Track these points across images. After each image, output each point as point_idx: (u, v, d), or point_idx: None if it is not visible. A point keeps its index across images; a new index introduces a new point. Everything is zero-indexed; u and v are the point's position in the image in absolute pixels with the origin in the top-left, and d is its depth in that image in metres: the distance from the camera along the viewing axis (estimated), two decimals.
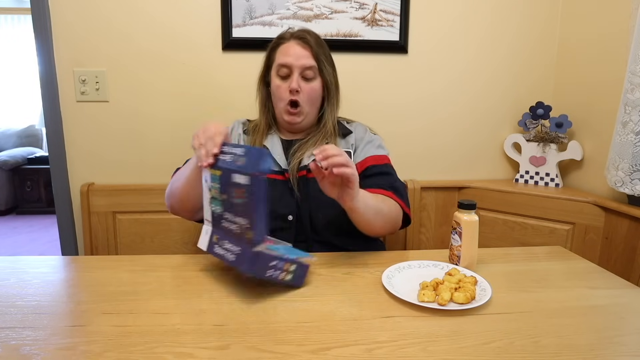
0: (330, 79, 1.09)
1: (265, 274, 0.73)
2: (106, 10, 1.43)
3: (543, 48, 1.59)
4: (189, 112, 1.51)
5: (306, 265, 0.79)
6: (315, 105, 1.10)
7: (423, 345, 0.61)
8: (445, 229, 1.61)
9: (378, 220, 0.94)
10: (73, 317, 0.68)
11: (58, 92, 1.45)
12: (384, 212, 0.96)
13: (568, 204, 1.37)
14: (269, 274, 0.73)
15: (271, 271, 0.73)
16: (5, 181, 3.91)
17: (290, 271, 0.76)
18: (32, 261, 0.94)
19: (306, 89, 1.06)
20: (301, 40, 1.06)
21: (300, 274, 0.78)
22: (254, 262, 0.72)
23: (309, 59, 1.05)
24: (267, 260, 0.73)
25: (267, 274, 0.73)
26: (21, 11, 4.50)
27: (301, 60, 1.04)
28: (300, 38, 1.06)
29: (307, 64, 1.05)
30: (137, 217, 1.48)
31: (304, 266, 0.79)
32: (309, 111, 1.08)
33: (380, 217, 0.94)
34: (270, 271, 0.73)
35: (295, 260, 0.77)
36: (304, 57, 1.05)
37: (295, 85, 1.04)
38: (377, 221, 0.94)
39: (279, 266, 0.74)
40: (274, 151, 1.08)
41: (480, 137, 1.64)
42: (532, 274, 0.87)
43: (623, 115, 1.16)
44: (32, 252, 3.06)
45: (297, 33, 1.07)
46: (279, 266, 0.74)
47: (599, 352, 0.59)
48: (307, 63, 1.05)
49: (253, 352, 0.59)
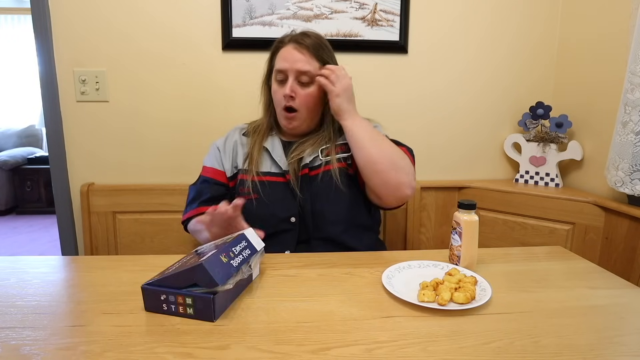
0: None
1: (162, 309, 0.68)
2: (106, 10, 1.43)
3: (543, 48, 1.59)
4: (189, 112, 1.51)
5: (207, 298, 0.65)
6: (314, 110, 1.08)
7: (423, 345, 0.61)
8: (445, 229, 1.61)
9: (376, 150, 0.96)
10: (73, 317, 0.68)
11: (58, 92, 1.46)
12: (384, 146, 0.97)
13: (568, 204, 1.37)
14: (165, 309, 0.67)
15: (165, 305, 0.67)
16: (5, 181, 3.91)
17: (188, 304, 0.66)
18: (32, 261, 0.94)
19: (302, 94, 1.04)
20: (298, 44, 1.04)
21: (202, 307, 0.65)
22: (145, 295, 0.68)
23: (305, 63, 1.03)
24: (155, 294, 0.68)
25: (164, 308, 0.67)
26: (21, 11, 4.50)
27: (296, 65, 1.03)
28: (297, 42, 1.04)
29: (301, 69, 1.03)
30: (137, 217, 1.48)
31: (205, 299, 0.65)
32: (307, 116, 1.07)
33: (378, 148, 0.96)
34: (164, 305, 0.67)
35: (191, 293, 0.66)
36: (299, 62, 1.03)
37: (289, 91, 1.02)
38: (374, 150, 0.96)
39: (171, 300, 0.67)
40: (274, 152, 1.08)
41: (480, 137, 1.64)
42: (532, 274, 0.87)
43: (623, 115, 1.16)
44: (32, 252, 3.06)
45: (295, 37, 1.06)
46: (171, 300, 0.67)
47: (599, 352, 0.59)
48: (301, 68, 1.03)
49: (253, 352, 0.59)
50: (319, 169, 1.05)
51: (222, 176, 1.11)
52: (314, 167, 1.05)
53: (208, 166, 1.13)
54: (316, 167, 1.05)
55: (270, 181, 1.05)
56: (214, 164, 1.12)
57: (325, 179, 1.04)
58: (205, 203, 1.06)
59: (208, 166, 1.13)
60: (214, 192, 1.09)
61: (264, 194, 1.03)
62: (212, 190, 1.09)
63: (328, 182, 1.03)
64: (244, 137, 1.15)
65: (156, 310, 0.68)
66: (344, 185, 1.03)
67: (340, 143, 1.08)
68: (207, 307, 0.65)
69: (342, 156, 1.07)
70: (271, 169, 1.07)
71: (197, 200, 1.08)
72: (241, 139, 1.15)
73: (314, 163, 1.05)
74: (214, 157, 1.13)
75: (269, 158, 1.08)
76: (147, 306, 0.69)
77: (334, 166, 1.04)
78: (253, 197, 1.03)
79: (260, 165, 1.07)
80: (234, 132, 1.17)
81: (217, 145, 1.15)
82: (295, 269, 0.87)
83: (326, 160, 1.05)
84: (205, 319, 0.66)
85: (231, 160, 1.12)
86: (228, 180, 1.11)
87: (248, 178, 1.06)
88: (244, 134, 1.15)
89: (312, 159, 1.05)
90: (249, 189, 1.04)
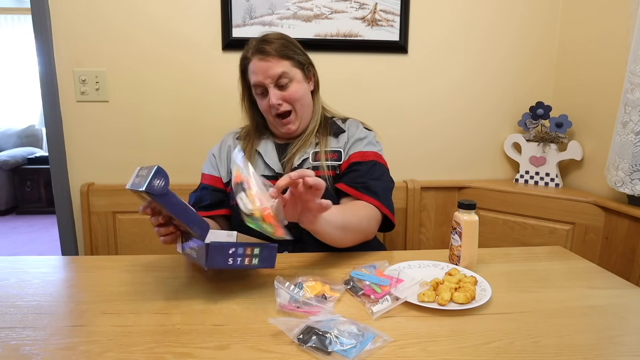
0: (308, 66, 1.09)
1: (227, 263, 0.72)
2: (106, 10, 1.43)
3: (543, 48, 1.59)
4: (189, 111, 1.51)
5: (273, 246, 0.77)
6: (305, 103, 1.08)
7: (423, 345, 0.61)
8: (445, 229, 1.61)
9: (346, 236, 0.92)
10: (73, 317, 0.68)
11: (58, 92, 1.46)
12: (352, 226, 0.92)
13: (568, 204, 1.37)
14: (230, 263, 0.72)
15: (231, 259, 0.72)
16: (5, 181, 3.91)
17: (255, 254, 0.74)
18: (32, 261, 0.94)
19: (287, 95, 1.04)
20: (261, 54, 1.03)
21: (267, 256, 0.76)
22: (210, 254, 0.70)
23: (275, 68, 1.03)
24: (223, 249, 0.71)
25: (229, 262, 0.72)
26: (21, 11, 4.50)
27: (269, 74, 1.02)
28: (260, 52, 1.03)
29: (275, 74, 1.03)
30: (137, 217, 1.47)
31: (271, 247, 0.76)
32: (301, 112, 1.08)
33: (348, 232, 0.92)
34: (230, 259, 0.72)
35: (258, 244, 0.75)
36: (270, 70, 1.02)
37: (275, 100, 1.03)
38: (345, 237, 0.92)
39: (239, 252, 0.72)
40: (267, 156, 1.08)
41: (480, 137, 1.64)
42: (532, 274, 0.87)
43: (623, 115, 1.16)
44: (32, 252, 3.06)
45: (257, 47, 1.04)
46: (239, 252, 0.72)
47: (599, 352, 0.59)
48: (275, 73, 1.02)
49: (253, 352, 0.59)
50: None
51: (219, 182, 1.12)
52: None
53: (206, 173, 1.14)
54: None
55: None
56: (211, 171, 1.14)
57: None
58: (205, 209, 1.07)
59: (206, 173, 1.14)
60: (213, 199, 1.10)
61: None
62: (211, 197, 1.10)
63: None
64: (238, 141, 1.15)
65: (219, 265, 0.72)
66: (334, 191, 1.04)
67: (331, 150, 1.08)
68: (271, 255, 0.76)
69: (332, 164, 1.06)
70: (264, 172, 1.07)
71: (197, 205, 1.09)
72: (234, 142, 1.15)
73: (302, 166, 1.06)
74: (210, 164, 1.15)
75: (262, 161, 1.09)
76: (211, 263, 0.71)
77: (324, 173, 1.04)
78: None
79: (254, 169, 1.07)
80: (228, 137, 1.18)
81: (212, 152, 1.17)
82: (294, 269, 0.87)
83: (314, 166, 1.05)
84: (268, 266, 0.76)
85: (226, 166, 1.13)
86: (225, 186, 1.12)
87: None
88: (238, 137, 1.16)
89: (300, 163, 1.06)
90: None
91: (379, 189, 1.02)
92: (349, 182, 1.02)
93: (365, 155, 1.06)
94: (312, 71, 1.11)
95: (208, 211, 1.07)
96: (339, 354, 0.57)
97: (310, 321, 0.63)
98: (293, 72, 1.05)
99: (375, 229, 1.02)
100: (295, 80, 1.05)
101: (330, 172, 1.05)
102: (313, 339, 0.59)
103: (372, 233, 1.01)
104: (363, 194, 0.99)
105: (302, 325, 0.61)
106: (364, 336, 0.60)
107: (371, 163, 1.05)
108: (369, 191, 1.00)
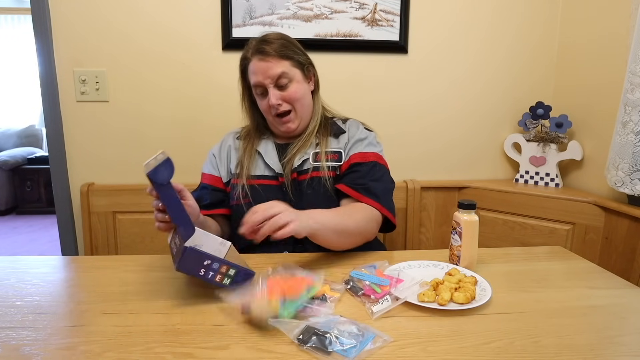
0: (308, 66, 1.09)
1: (198, 273, 0.70)
2: (106, 10, 1.43)
3: (543, 48, 1.59)
4: (189, 111, 1.51)
5: (250, 273, 0.75)
6: (305, 103, 1.08)
7: (423, 345, 0.61)
8: (445, 229, 1.61)
9: (345, 240, 0.92)
10: (73, 317, 0.68)
11: (58, 92, 1.46)
12: (350, 229, 0.92)
13: (568, 204, 1.37)
14: (202, 274, 0.71)
15: (203, 270, 0.70)
16: (5, 181, 3.91)
17: (229, 275, 0.72)
18: (32, 261, 0.94)
19: (287, 95, 1.04)
20: (261, 54, 1.03)
21: (241, 280, 0.73)
22: (184, 257, 0.69)
23: (275, 68, 1.02)
24: (200, 258, 0.70)
25: (200, 273, 0.70)
26: (21, 11, 4.50)
27: (269, 74, 1.02)
28: (260, 52, 1.03)
29: (275, 74, 1.02)
30: (137, 217, 1.48)
31: (248, 273, 0.74)
32: (302, 112, 1.08)
33: (346, 236, 0.92)
34: (202, 270, 0.70)
35: (237, 265, 0.73)
36: (269, 70, 1.02)
37: (274, 100, 1.03)
38: (343, 241, 0.92)
39: (214, 267, 0.71)
40: (267, 156, 1.08)
41: (480, 137, 1.64)
42: (532, 274, 0.87)
43: (623, 115, 1.16)
44: (32, 252, 3.05)
45: (257, 48, 1.04)
46: (214, 267, 0.71)
47: (599, 352, 0.59)
48: (274, 73, 1.02)
49: (253, 352, 0.59)
50: (306, 174, 1.05)
51: (219, 182, 1.12)
52: (302, 172, 1.05)
53: (206, 173, 1.14)
54: (304, 171, 1.05)
55: (263, 184, 1.06)
56: (211, 170, 1.14)
57: (313, 185, 1.04)
58: (205, 208, 1.07)
59: (206, 173, 1.14)
60: (213, 198, 1.10)
61: (257, 197, 1.03)
62: (211, 197, 1.10)
63: (316, 188, 1.03)
64: (238, 140, 1.15)
65: (189, 272, 0.71)
66: (334, 192, 1.04)
67: (331, 150, 1.08)
68: (245, 280, 0.73)
69: (332, 165, 1.06)
70: (264, 172, 1.07)
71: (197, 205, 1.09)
72: (235, 143, 1.15)
73: (303, 167, 1.06)
74: (210, 164, 1.15)
75: (262, 161, 1.09)
76: (182, 266, 0.70)
77: (325, 174, 1.04)
78: (243, 202, 1.03)
79: (254, 169, 1.08)
80: (229, 137, 1.18)
81: (212, 152, 1.17)
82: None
83: (314, 166, 1.05)
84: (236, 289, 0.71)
85: (226, 165, 1.13)
86: (225, 186, 1.12)
87: (239, 183, 1.06)
88: (238, 137, 1.16)
89: (300, 163, 1.06)
90: (239, 194, 1.05)
91: (380, 190, 1.02)
92: (349, 183, 1.02)
93: (366, 156, 1.06)
94: (312, 71, 1.11)
95: (208, 210, 1.08)
96: (339, 354, 0.57)
97: (310, 321, 0.63)
98: (293, 72, 1.05)
99: (376, 230, 1.02)
100: (295, 80, 1.05)
101: (331, 172, 1.05)
102: (313, 339, 0.59)
103: (372, 235, 1.01)
104: (363, 196, 0.99)
105: (302, 326, 0.62)
106: (364, 336, 0.60)
107: (372, 164, 1.05)
108: (369, 193, 1.00)
